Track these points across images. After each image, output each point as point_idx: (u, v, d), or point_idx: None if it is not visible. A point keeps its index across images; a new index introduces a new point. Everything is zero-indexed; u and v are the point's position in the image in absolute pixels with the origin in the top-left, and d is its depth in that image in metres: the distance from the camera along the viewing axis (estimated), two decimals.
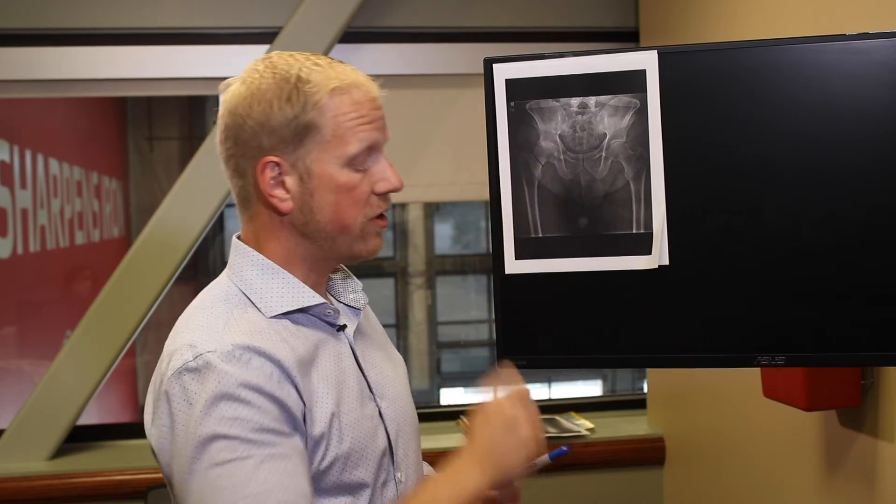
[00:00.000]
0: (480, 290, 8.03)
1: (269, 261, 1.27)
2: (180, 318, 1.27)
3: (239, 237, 1.32)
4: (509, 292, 1.38)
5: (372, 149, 1.24)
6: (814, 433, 2.07)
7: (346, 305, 1.36)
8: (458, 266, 7.62)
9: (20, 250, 3.81)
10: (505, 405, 1.25)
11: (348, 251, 1.27)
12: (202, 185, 2.76)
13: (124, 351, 2.78)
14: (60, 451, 2.79)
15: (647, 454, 2.95)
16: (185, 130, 6.74)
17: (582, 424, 3.01)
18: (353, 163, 1.22)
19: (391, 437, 1.29)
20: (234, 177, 1.28)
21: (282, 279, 1.26)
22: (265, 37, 2.85)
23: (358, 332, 1.35)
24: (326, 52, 2.79)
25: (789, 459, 2.17)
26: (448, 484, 1.21)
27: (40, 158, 4.01)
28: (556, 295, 1.33)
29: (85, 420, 2.87)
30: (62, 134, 4.51)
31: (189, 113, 6.76)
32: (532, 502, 3.03)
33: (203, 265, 6.96)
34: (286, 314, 1.25)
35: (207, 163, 2.77)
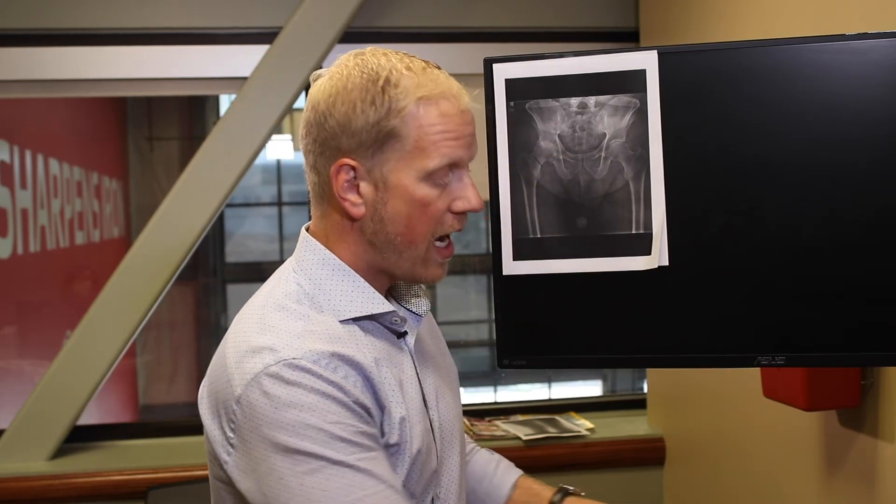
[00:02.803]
0: (480, 290, 8.03)
1: (340, 261, 1.22)
2: (246, 312, 1.21)
3: (307, 230, 1.26)
4: (509, 292, 1.38)
5: (455, 165, 1.18)
6: (814, 433, 2.07)
7: (408, 311, 1.31)
8: (458, 266, 7.61)
9: (20, 250, 3.81)
10: None
11: (410, 271, 1.22)
12: (202, 185, 2.76)
13: (124, 351, 2.78)
14: (60, 451, 2.79)
15: (647, 454, 2.95)
16: (185, 130, 6.74)
17: (582, 424, 3.01)
18: (432, 178, 1.17)
19: (439, 450, 1.25)
20: (311, 172, 1.23)
21: (353, 282, 1.21)
22: (265, 37, 2.85)
23: (417, 339, 1.30)
24: (326, 52, 2.79)
25: (789, 459, 2.17)
26: None
27: (40, 158, 4.01)
28: (556, 295, 1.33)
29: (85, 420, 2.87)
30: (62, 134, 4.51)
31: (189, 113, 6.77)
32: None
33: (203, 265, 6.95)
34: (355, 320, 1.20)
35: (207, 163, 2.77)
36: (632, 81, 1.30)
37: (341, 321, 1.19)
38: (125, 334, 2.75)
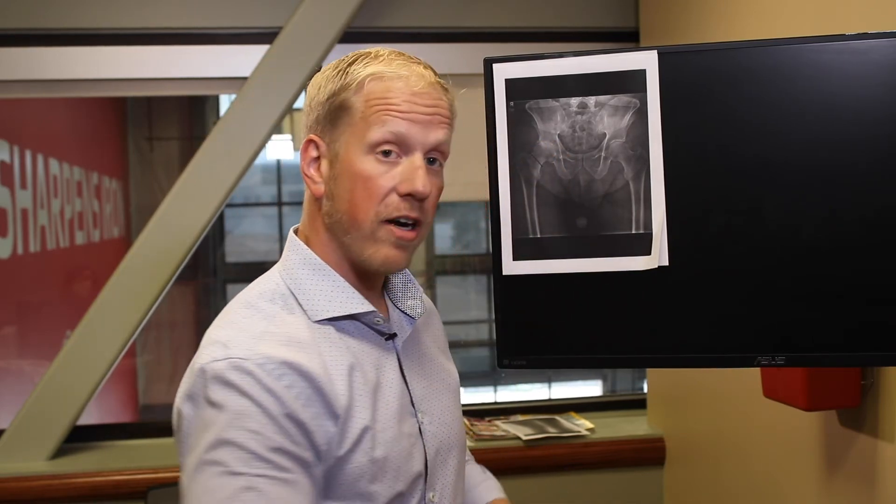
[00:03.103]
0: (480, 290, 8.03)
1: (320, 260, 1.21)
2: (226, 307, 1.22)
3: (295, 231, 1.27)
4: (509, 292, 1.37)
5: (403, 143, 1.17)
6: (814, 433, 2.07)
7: (403, 313, 1.30)
8: (458, 266, 7.62)
9: (20, 250, 3.81)
10: None
11: (359, 252, 1.19)
12: (202, 185, 2.76)
13: (124, 351, 2.78)
14: (60, 451, 2.79)
15: (647, 454, 2.95)
16: (185, 130, 6.74)
17: (582, 424, 3.01)
18: (376, 152, 1.16)
19: (428, 455, 1.24)
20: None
21: (332, 282, 1.20)
22: (265, 37, 2.85)
23: (410, 340, 1.29)
24: (326, 52, 2.79)
25: (789, 459, 2.17)
26: None
27: (40, 158, 4.01)
28: (556, 295, 1.33)
29: (85, 420, 2.87)
30: (62, 134, 4.51)
31: (189, 113, 6.77)
32: (533, 502, 3.04)
33: (203, 265, 6.95)
34: (332, 320, 1.20)
35: (207, 163, 2.77)
36: (632, 81, 1.30)
37: (317, 321, 1.18)
38: (125, 334, 2.75)
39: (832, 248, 1.26)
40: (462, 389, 1.43)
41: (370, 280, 1.25)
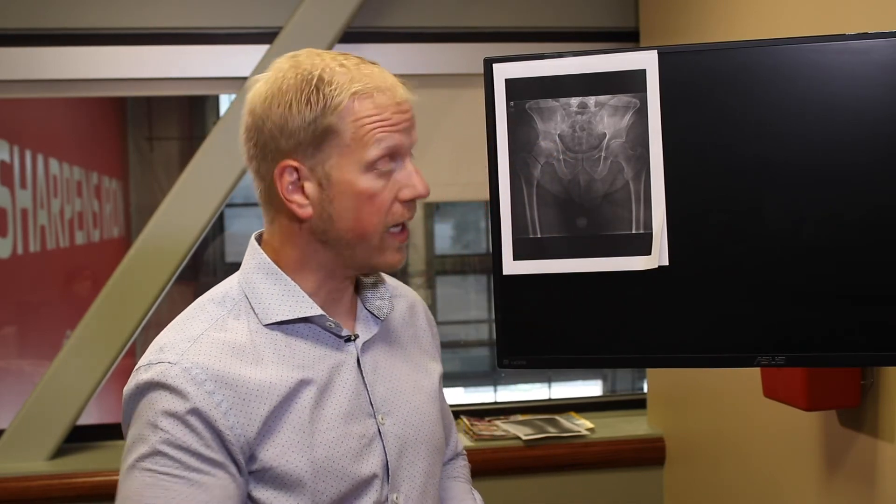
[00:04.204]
0: (480, 290, 8.03)
1: (275, 266, 1.23)
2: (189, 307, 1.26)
3: (257, 237, 1.28)
4: (509, 292, 1.37)
5: (396, 154, 1.19)
6: (814, 433, 2.07)
7: (371, 313, 1.31)
8: (458, 266, 7.61)
9: (20, 250, 3.81)
10: None
11: (366, 262, 1.22)
12: (202, 185, 2.76)
13: (124, 351, 2.78)
14: (60, 451, 2.79)
15: (647, 454, 2.95)
16: (185, 130, 6.74)
17: (582, 424, 3.01)
18: (374, 168, 1.17)
19: (389, 457, 1.24)
20: (256, 178, 1.24)
21: (283, 286, 1.22)
22: (265, 37, 2.85)
23: (379, 341, 1.30)
24: None
25: (789, 459, 2.17)
26: None
27: (40, 158, 4.01)
28: (556, 295, 1.33)
29: (85, 420, 2.87)
30: (62, 134, 4.51)
31: (189, 113, 6.76)
32: (533, 502, 3.04)
33: (203, 265, 6.95)
34: (282, 323, 1.21)
35: (207, 163, 2.77)
36: (632, 81, 1.30)
37: (267, 325, 1.21)
38: (125, 334, 2.75)
39: (832, 248, 1.26)
40: (462, 389, 1.43)
41: (339, 284, 1.26)
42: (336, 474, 1.18)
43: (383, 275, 1.36)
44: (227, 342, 1.18)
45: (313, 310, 1.22)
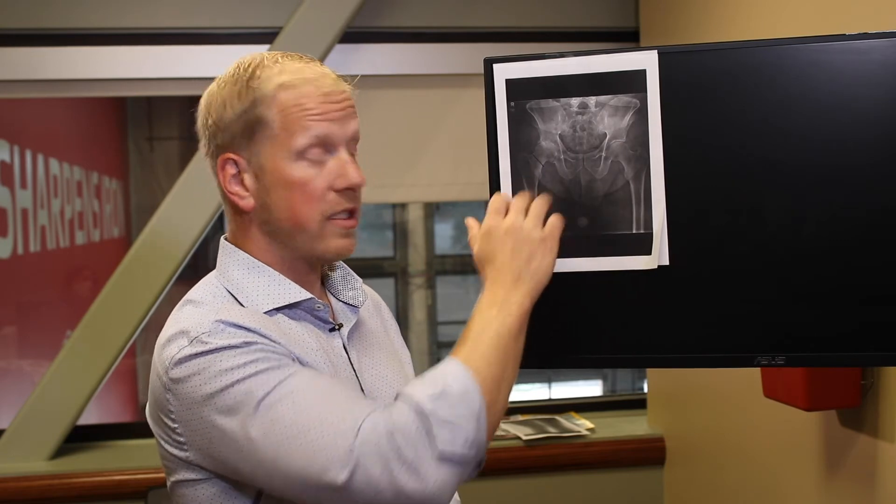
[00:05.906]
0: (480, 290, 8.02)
1: (254, 259, 1.25)
2: (170, 316, 1.25)
3: (226, 238, 1.30)
4: None
5: (328, 143, 1.21)
6: (814, 433, 2.07)
7: (345, 304, 1.34)
8: (458, 266, 7.61)
9: (20, 250, 3.81)
10: (510, 217, 1.24)
11: (310, 251, 1.24)
12: (202, 185, 2.76)
13: (124, 351, 2.78)
14: (60, 451, 2.79)
15: (647, 454, 2.95)
16: (185, 130, 6.73)
17: (582, 424, 3.01)
18: (304, 157, 1.20)
19: None
20: (213, 176, 1.28)
21: (268, 276, 1.24)
22: (265, 37, 2.85)
23: (357, 330, 1.33)
24: (326, 53, 2.79)
25: (789, 459, 2.17)
26: (496, 309, 1.18)
27: (40, 158, 4.01)
28: (555, 295, 1.33)
29: (85, 420, 2.87)
30: (62, 134, 4.51)
31: (189, 113, 6.76)
32: (533, 502, 3.04)
33: (203, 265, 6.95)
34: (278, 309, 1.22)
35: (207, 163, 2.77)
36: (632, 81, 1.30)
37: (265, 312, 1.22)
38: (125, 334, 2.75)
39: (832, 248, 1.26)
40: None
41: (308, 275, 1.28)
42: None
43: (345, 265, 1.38)
44: (246, 314, 1.18)
45: (302, 294, 1.24)
